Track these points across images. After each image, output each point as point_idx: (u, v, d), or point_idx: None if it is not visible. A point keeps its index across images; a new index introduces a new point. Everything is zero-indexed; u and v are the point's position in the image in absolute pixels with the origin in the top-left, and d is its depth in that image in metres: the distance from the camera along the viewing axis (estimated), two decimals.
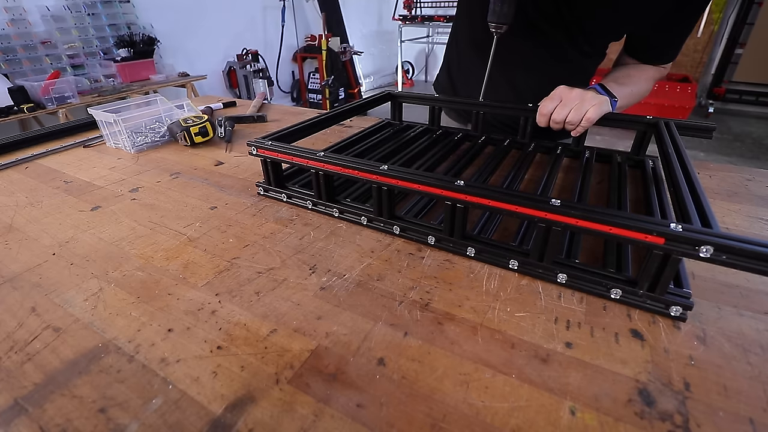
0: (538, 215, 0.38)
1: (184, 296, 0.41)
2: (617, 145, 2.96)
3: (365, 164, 0.48)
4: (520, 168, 0.65)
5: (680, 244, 0.33)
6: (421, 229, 0.48)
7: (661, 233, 0.33)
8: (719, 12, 3.85)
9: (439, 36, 5.51)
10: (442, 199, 0.44)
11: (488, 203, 0.41)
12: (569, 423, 0.28)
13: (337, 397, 0.30)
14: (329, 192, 0.54)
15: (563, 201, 0.37)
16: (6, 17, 2.27)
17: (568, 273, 0.40)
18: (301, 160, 0.53)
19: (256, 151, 0.58)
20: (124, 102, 0.91)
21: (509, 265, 0.43)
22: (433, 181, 0.44)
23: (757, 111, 3.96)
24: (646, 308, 0.37)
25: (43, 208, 0.60)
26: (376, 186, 0.48)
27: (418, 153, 0.71)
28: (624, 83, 0.70)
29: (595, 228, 0.36)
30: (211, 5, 3.37)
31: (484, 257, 0.45)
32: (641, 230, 0.34)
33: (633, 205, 0.56)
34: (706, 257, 0.32)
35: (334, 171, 0.51)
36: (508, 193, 0.40)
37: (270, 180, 0.59)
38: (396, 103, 0.87)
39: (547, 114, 0.66)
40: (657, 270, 0.35)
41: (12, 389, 0.31)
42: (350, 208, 0.53)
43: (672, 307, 0.36)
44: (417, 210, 0.54)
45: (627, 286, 0.38)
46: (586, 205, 0.37)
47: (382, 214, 0.50)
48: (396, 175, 0.46)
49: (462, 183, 0.42)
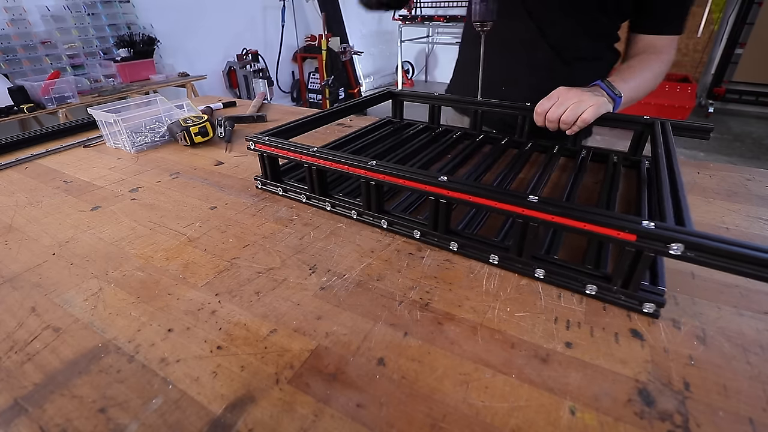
0: (516, 211, 0.39)
1: (184, 296, 0.41)
2: (617, 144, 2.98)
3: (354, 160, 0.49)
4: (514, 166, 0.66)
5: (651, 241, 0.33)
6: (407, 223, 0.49)
7: (633, 230, 0.34)
8: (719, 12, 3.85)
9: (439, 36, 5.51)
10: (426, 194, 0.45)
11: (469, 199, 0.42)
12: (569, 423, 0.28)
13: (337, 397, 0.30)
14: (322, 186, 0.56)
15: (541, 198, 0.38)
16: (6, 17, 2.27)
17: (546, 268, 0.41)
18: (295, 155, 0.55)
19: (254, 146, 0.60)
20: (124, 102, 0.91)
21: (489, 259, 0.44)
22: (417, 176, 0.45)
23: (757, 111, 3.96)
24: (620, 304, 0.38)
25: (43, 208, 0.60)
26: (365, 181, 0.50)
27: (415, 150, 0.72)
28: (628, 78, 0.70)
29: (569, 224, 0.37)
30: (211, 5, 3.37)
31: (467, 251, 0.46)
32: (614, 227, 0.35)
33: (623, 204, 0.56)
34: (676, 254, 0.32)
35: (325, 166, 0.52)
36: (488, 189, 0.41)
37: (267, 174, 0.62)
38: (397, 101, 0.89)
39: (543, 113, 0.66)
40: (630, 266, 0.36)
41: (12, 389, 0.31)
42: (341, 202, 0.55)
43: (645, 304, 0.36)
44: (407, 206, 0.55)
45: (602, 282, 0.38)
46: (562, 202, 0.38)
47: (370, 209, 0.52)
48: (383, 171, 0.47)
49: (444, 179, 0.43)
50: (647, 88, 0.74)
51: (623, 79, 0.70)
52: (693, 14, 3.93)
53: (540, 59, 0.80)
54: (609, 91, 0.67)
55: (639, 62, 0.73)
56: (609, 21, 0.77)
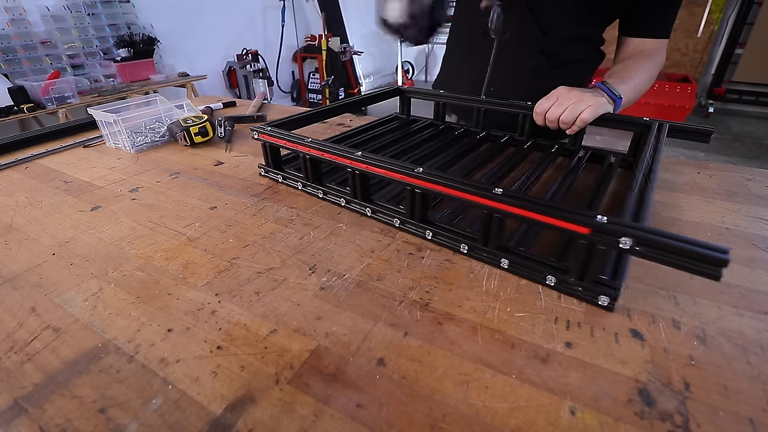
0: (482, 202, 0.41)
1: (184, 296, 0.41)
2: (617, 145, 2.98)
3: (342, 150, 0.52)
4: (508, 164, 0.66)
5: (603, 234, 0.35)
6: (389, 212, 0.52)
7: (587, 224, 0.35)
8: (719, 12, 3.85)
9: (439, 36, 5.50)
10: (404, 185, 0.48)
11: (440, 189, 0.44)
12: (569, 423, 0.28)
13: (336, 397, 0.30)
14: (316, 175, 0.60)
15: (505, 190, 0.40)
16: (6, 17, 2.27)
17: (510, 259, 0.43)
18: (292, 144, 0.59)
19: (257, 136, 0.64)
20: (124, 102, 0.91)
21: (460, 248, 0.46)
22: (396, 168, 0.47)
23: (757, 111, 3.96)
24: (576, 296, 0.39)
25: (43, 208, 0.60)
26: (351, 171, 0.53)
27: (414, 145, 0.75)
28: (626, 78, 0.71)
29: (529, 216, 0.38)
30: (211, 5, 3.37)
31: (439, 240, 0.48)
32: (569, 220, 0.36)
33: (609, 203, 0.57)
34: (625, 248, 0.34)
35: (317, 155, 0.56)
36: (456, 181, 0.43)
37: (269, 162, 0.66)
38: (404, 98, 0.92)
39: (542, 112, 0.66)
40: (584, 259, 0.37)
41: (12, 389, 0.31)
42: (332, 190, 0.58)
43: (600, 297, 0.37)
44: (391, 196, 0.58)
45: (560, 274, 0.40)
46: (523, 195, 0.39)
47: (356, 197, 0.55)
48: (366, 162, 0.50)
49: (420, 170, 0.45)
50: (643, 89, 0.75)
51: (621, 79, 0.70)
52: (693, 14, 3.94)
53: (530, 62, 0.81)
54: (609, 93, 0.67)
55: (634, 63, 0.74)
56: (598, 24, 0.78)
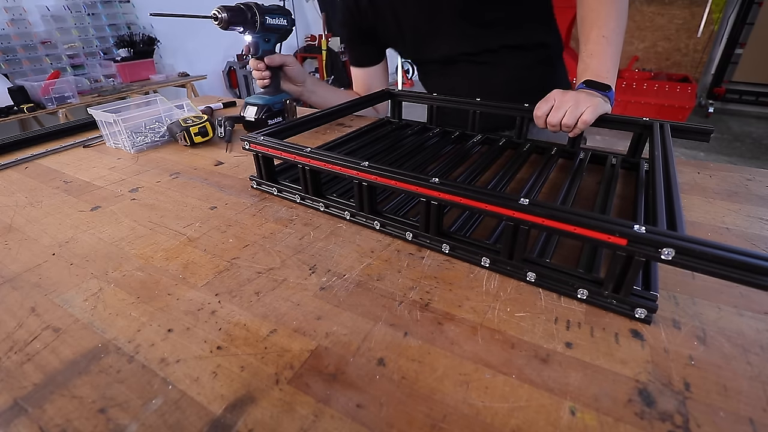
0: (507, 214, 0.39)
1: (184, 296, 0.41)
2: (617, 145, 2.97)
3: (346, 161, 0.49)
4: (511, 167, 0.65)
5: (642, 245, 0.33)
6: (400, 225, 0.49)
7: (624, 234, 0.33)
8: (719, 12, 3.86)
9: None
10: (418, 196, 0.45)
11: (460, 201, 0.41)
12: (569, 423, 0.28)
13: (337, 398, 0.30)
14: (316, 187, 0.56)
15: (532, 200, 0.37)
16: (6, 17, 2.27)
17: (537, 272, 0.40)
18: (289, 155, 0.54)
19: (248, 146, 0.59)
20: (124, 102, 0.91)
21: (481, 262, 0.43)
22: (409, 178, 0.44)
23: (757, 111, 3.96)
24: (611, 309, 0.37)
25: (43, 208, 0.60)
26: (358, 182, 0.49)
27: (411, 151, 0.72)
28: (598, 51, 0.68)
29: (560, 227, 0.36)
30: (211, 5, 3.36)
31: (458, 254, 0.45)
32: (604, 231, 0.34)
33: (620, 207, 0.56)
34: (667, 259, 0.32)
35: (318, 167, 0.52)
36: (479, 192, 0.40)
37: (262, 174, 0.61)
38: (395, 101, 0.89)
39: (542, 116, 0.66)
40: (621, 271, 0.35)
41: (12, 389, 0.31)
42: (335, 203, 0.54)
43: (637, 309, 0.36)
44: (401, 206, 0.55)
45: (593, 286, 0.37)
46: (553, 205, 0.37)
47: (363, 210, 0.51)
48: (375, 172, 0.47)
49: (436, 180, 0.42)
50: (621, 30, 0.69)
51: (592, 54, 0.67)
52: (693, 14, 3.94)
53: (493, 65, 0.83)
54: (597, 90, 0.65)
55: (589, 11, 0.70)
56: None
